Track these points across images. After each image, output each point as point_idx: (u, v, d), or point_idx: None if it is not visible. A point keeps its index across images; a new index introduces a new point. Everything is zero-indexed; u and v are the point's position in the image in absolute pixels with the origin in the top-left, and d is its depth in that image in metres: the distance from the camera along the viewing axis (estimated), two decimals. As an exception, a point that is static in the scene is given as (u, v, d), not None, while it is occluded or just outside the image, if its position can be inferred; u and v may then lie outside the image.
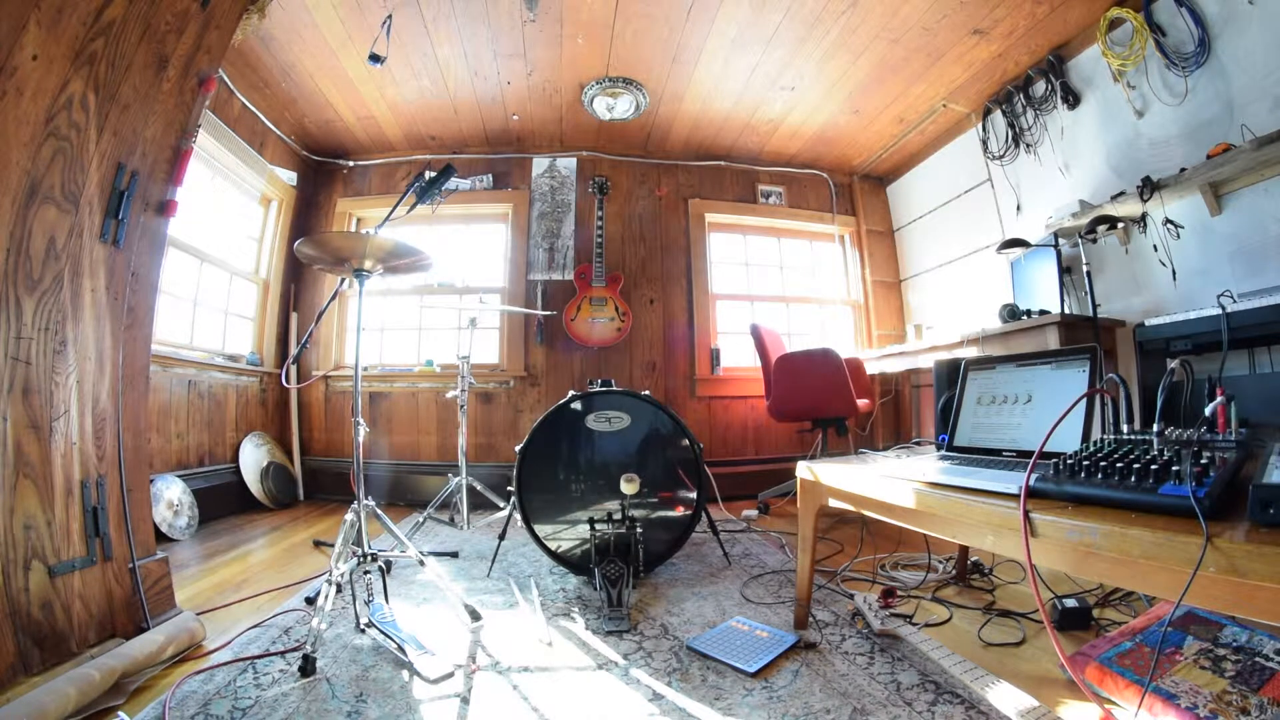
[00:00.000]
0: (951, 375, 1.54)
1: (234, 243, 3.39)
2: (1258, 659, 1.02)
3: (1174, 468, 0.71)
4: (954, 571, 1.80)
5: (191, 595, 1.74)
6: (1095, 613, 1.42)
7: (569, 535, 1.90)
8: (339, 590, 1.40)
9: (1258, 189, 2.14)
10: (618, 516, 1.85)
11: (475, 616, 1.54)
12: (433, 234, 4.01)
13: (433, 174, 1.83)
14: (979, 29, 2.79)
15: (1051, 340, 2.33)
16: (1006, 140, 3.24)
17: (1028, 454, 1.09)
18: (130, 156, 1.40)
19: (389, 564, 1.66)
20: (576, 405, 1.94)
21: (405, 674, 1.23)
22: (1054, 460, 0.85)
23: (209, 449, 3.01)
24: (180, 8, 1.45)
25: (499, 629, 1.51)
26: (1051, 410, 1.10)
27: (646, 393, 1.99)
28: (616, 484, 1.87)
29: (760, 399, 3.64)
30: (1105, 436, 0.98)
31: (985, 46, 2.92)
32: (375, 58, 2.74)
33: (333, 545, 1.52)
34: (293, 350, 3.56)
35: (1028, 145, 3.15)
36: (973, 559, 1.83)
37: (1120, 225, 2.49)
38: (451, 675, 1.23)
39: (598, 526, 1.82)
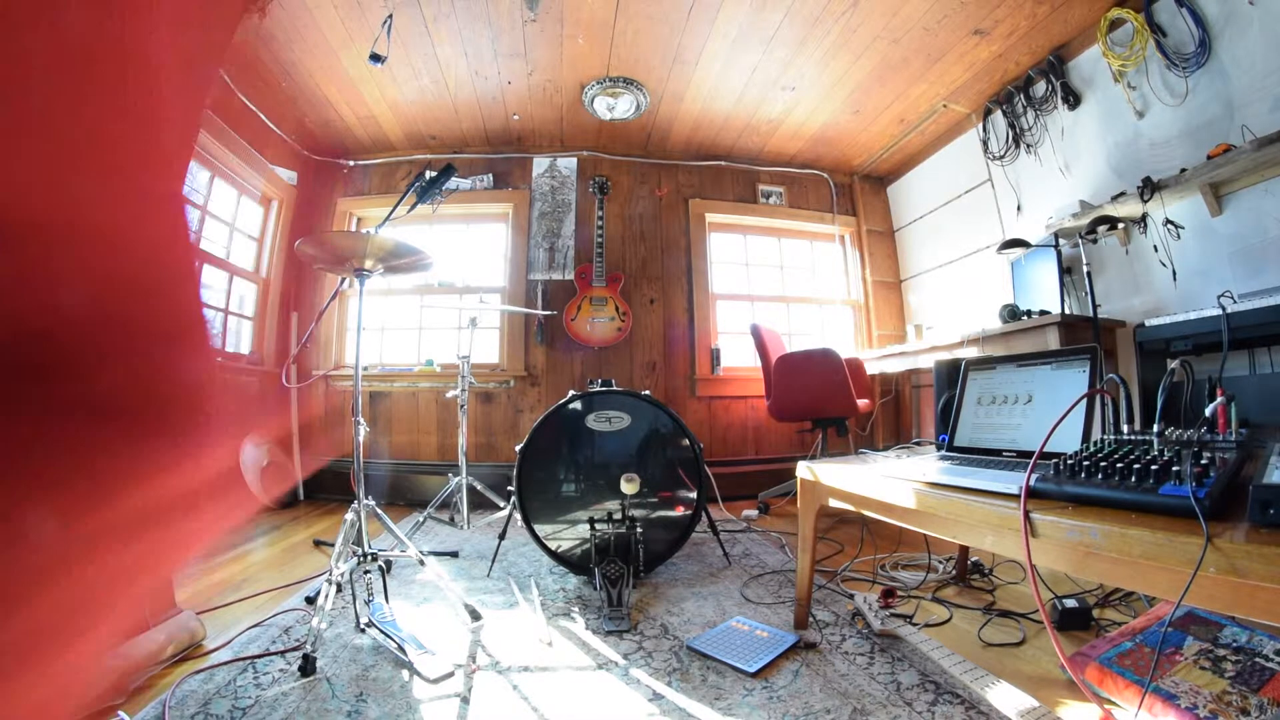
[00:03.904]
0: (952, 375, 1.54)
1: (234, 242, 3.39)
2: (1257, 659, 1.02)
3: (1174, 468, 0.71)
4: (954, 572, 1.80)
5: (191, 594, 1.74)
6: (1095, 613, 1.42)
7: (569, 535, 1.90)
8: (339, 590, 1.40)
9: (1258, 189, 2.14)
10: (618, 516, 1.85)
11: (475, 616, 1.54)
12: (433, 234, 4.01)
13: (433, 173, 1.83)
14: (979, 29, 2.79)
15: (1052, 340, 2.32)
16: (1007, 140, 3.24)
17: (1028, 454, 1.09)
18: (131, 156, 1.40)
19: (389, 563, 1.66)
20: (576, 405, 1.94)
21: (405, 674, 1.23)
22: (1054, 460, 0.85)
23: (209, 448, 3.01)
24: (181, 7, 1.45)
25: (499, 629, 1.51)
26: (1052, 410, 1.10)
27: (646, 392, 1.99)
28: (616, 484, 1.87)
29: (760, 399, 3.64)
30: (1105, 437, 0.98)
31: (986, 47, 2.92)
32: (376, 57, 2.75)
33: (333, 545, 1.52)
34: (293, 349, 3.56)
35: (1028, 145, 3.15)
36: (973, 559, 1.83)
37: (1120, 226, 2.49)
38: (451, 675, 1.23)
39: (598, 526, 1.82)
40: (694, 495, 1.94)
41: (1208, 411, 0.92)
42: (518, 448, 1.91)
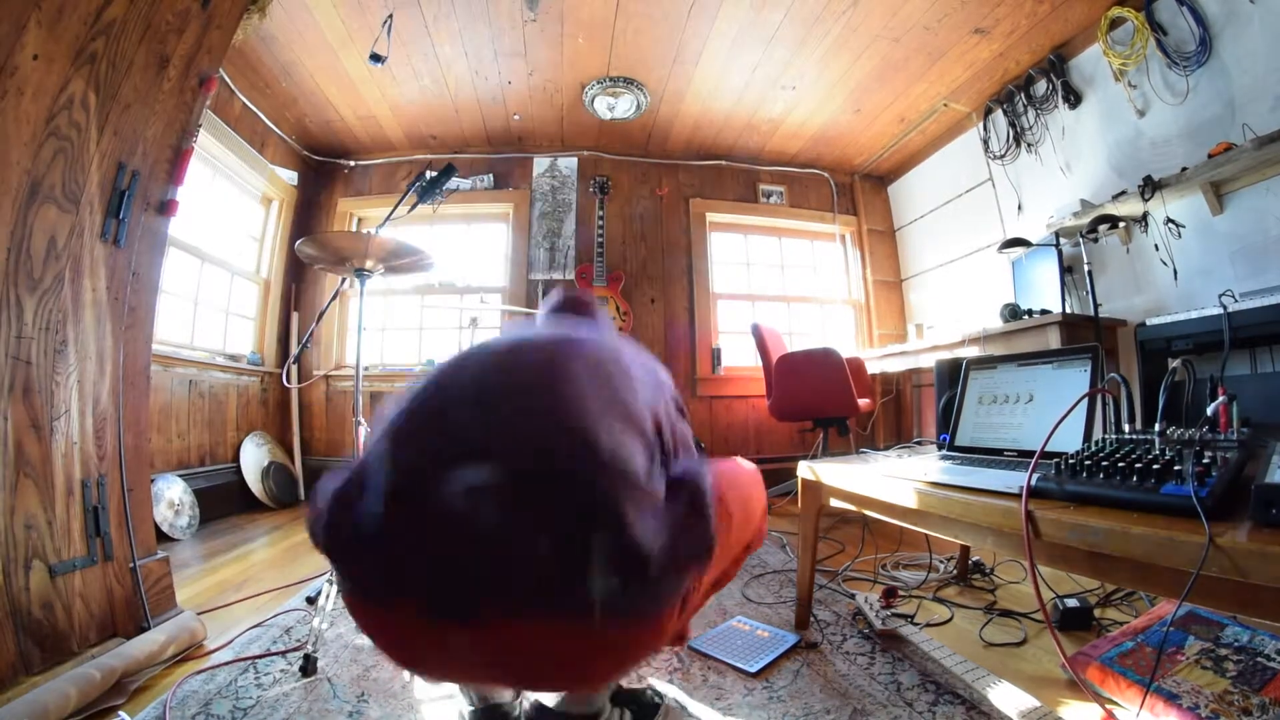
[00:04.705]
0: (953, 375, 1.54)
1: (235, 242, 3.39)
2: (1259, 659, 1.02)
3: (1176, 467, 0.71)
4: (955, 571, 1.79)
5: (192, 595, 1.74)
6: (1097, 613, 1.42)
7: (570, 535, 1.90)
8: (340, 590, 1.40)
9: (1259, 188, 2.13)
10: (618, 516, 1.85)
11: (476, 616, 1.54)
12: (434, 234, 4.01)
13: (434, 174, 1.83)
14: (980, 28, 2.79)
15: (1053, 340, 2.32)
16: (1008, 140, 3.24)
17: (1029, 454, 1.09)
18: (131, 156, 1.40)
19: (390, 564, 1.65)
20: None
21: (406, 674, 1.23)
22: (1055, 460, 0.85)
23: (210, 449, 3.01)
24: (181, 7, 1.45)
25: (500, 629, 1.50)
26: (1053, 410, 1.10)
27: (647, 392, 1.99)
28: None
29: (761, 399, 3.64)
30: (1107, 436, 0.98)
31: (986, 46, 2.92)
32: (376, 57, 2.75)
33: (333, 545, 1.51)
34: (294, 350, 3.56)
35: (1029, 145, 3.14)
36: (974, 559, 1.83)
37: (1121, 225, 2.48)
38: (452, 675, 1.23)
39: (598, 526, 1.81)
40: (695, 495, 1.94)
41: (1209, 411, 0.92)
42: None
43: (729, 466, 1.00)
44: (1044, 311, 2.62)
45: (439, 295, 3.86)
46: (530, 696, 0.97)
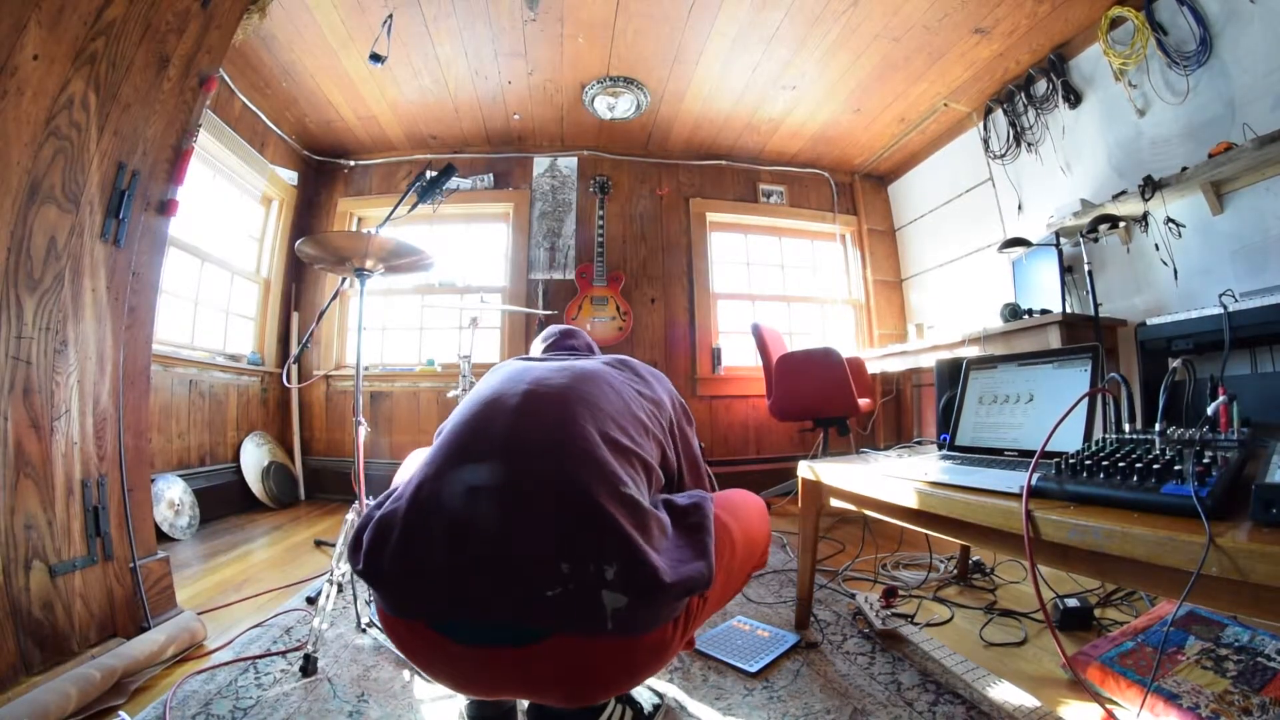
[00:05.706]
0: (953, 374, 1.54)
1: (235, 242, 3.39)
2: (1259, 659, 1.02)
3: (1176, 467, 0.71)
4: (955, 571, 1.79)
5: (192, 595, 1.74)
6: (1097, 613, 1.42)
7: (570, 535, 1.90)
8: (340, 590, 1.40)
9: (1259, 188, 2.13)
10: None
11: (476, 616, 1.54)
12: (434, 234, 4.01)
13: (434, 173, 1.83)
14: (980, 28, 2.79)
15: (1053, 339, 2.32)
16: (1008, 139, 3.24)
17: (1029, 453, 1.09)
18: (131, 156, 1.40)
19: (390, 563, 1.65)
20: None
21: (406, 674, 1.23)
22: (1056, 460, 0.85)
23: (210, 449, 3.01)
24: (181, 7, 1.45)
25: (500, 628, 1.50)
26: (1053, 410, 1.10)
27: (647, 392, 1.99)
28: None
29: (761, 398, 3.64)
30: (1107, 436, 0.98)
31: (986, 45, 2.92)
32: (376, 57, 2.74)
33: (334, 545, 1.52)
34: (294, 350, 3.56)
35: (1029, 144, 3.14)
36: (974, 558, 1.83)
37: (1122, 224, 2.48)
38: (452, 675, 1.23)
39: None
40: (695, 495, 1.94)
41: (1210, 410, 0.92)
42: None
43: (734, 497, 1.02)
44: (1044, 311, 2.62)
45: (439, 295, 3.86)
46: None
